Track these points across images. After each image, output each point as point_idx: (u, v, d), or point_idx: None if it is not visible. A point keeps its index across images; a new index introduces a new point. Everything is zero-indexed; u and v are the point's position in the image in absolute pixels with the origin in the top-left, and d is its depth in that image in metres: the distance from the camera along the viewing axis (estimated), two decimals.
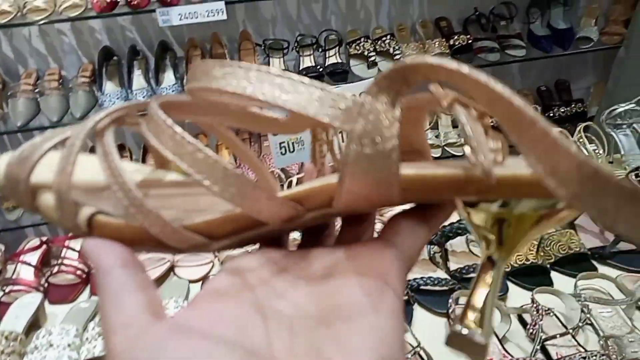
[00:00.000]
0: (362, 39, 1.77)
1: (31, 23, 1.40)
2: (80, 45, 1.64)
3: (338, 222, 0.27)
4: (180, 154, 0.21)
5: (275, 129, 0.29)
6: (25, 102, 1.47)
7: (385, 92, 0.20)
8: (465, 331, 0.22)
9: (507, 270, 0.94)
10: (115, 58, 1.58)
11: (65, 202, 0.23)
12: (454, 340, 0.22)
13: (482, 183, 0.20)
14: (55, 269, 1.05)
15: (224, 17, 1.43)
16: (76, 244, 1.11)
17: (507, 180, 0.20)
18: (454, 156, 1.83)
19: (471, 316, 0.22)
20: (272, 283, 0.21)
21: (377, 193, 0.21)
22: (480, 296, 0.23)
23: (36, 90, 1.51)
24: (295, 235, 0.28)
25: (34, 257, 1.08)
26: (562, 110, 1.87)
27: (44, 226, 1.73)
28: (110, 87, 1.54)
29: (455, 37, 1.77)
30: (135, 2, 1.39)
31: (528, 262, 0.94)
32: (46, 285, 1.03)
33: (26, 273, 1.06)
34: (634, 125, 1.25)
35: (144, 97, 1.50)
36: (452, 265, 0.97)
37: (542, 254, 0.96)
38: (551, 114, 1.87)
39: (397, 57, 1.74)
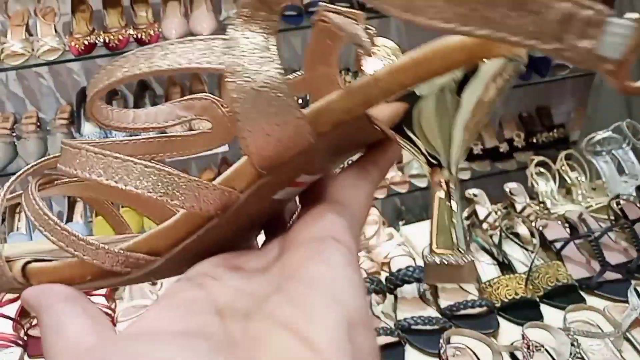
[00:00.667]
0: (343, 72, 1.79)
1: (9, 68, 1.39)
2: (58, 87, 1.63)
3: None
4: (91, 167, 0.21)
5: (202, 144, 0.29)
6: (2, 146, 1.45)
7: (253, 23, 0.19)
8: (438, 260, 0.21)
9: (497, 305, 0.93)
10: None
11: None
12: (433, 274, 0.21)
13: (383, 78, 0.20)
14: (35, 321, 1.01)
15: None
16: None
17: (406, 65, 0.19)
18: (421, 189, 1.83)
19: (440, 242, 0.21)
20: (225, 280, 0.20)
21: (286, 134, 0.19)
22: (442, 218, 0.21)
23: (13, 134, 1.49)
24: None
25: (12, 309, 1.04)
26: (545, 136, 1.89)
27: None
28: (89, 128, 1.52)
29: None
30: (114, 45, 1.39)
31: (517, 297, 0.94)
32: (25, 338, 0.99)
33: (4, 326, 1.02)
34: (613, 152, 1.27)
35: (123, 136, 1.49)
36: (443, 303, 0.96)
37: (530, 287, 0.96)
38: (534, 140, 1.90)
39: None
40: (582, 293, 0.96)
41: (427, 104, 0.20)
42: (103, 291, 1.07)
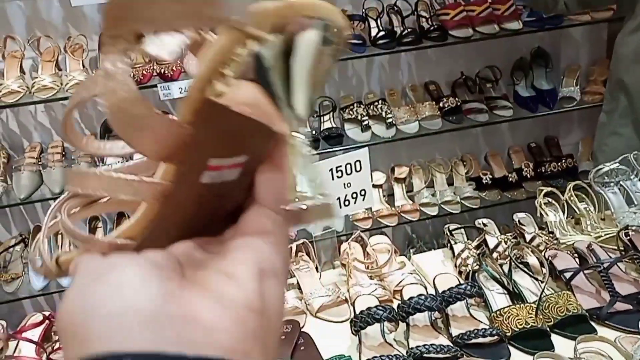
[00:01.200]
0: (355, 104, 1.85)
1: (39, 101, 1.47)
2: (83, 119, 1.70)
3: None
4: (71, 181, 0.27)
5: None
6: (29, 175, 1.51)
7: (116, 53, 0.24)
8: (300, 204, 0.25)
9: (508, 334, 0.95)
10: None
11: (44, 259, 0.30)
12: (302, 217, 0.26)
13: (202, 72, 0.24)
14: (57, 345, 1.05)
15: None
16: None
17: (213, 55, 0.24)
18: (450, 214, 1.86)
19: (300, 187, 0.26)
20: (188, 254, 0.26)
21: (158, 132, 0.24)
22: (299, 166, 0.26)
23: (40, 163, 1.56)
24: None
25: (35, 333, 1.08)
26: (554, 166, 1.92)
27: (41, 297, 1.72)
28: (112, 157, 1.58)
29: (445, 100, 1.85)
30: (138, 79, 1.46)
31: (528, 326, 0.95)
32: None
33: (28, 350, 1.06)
34: (621, 183, 1.29)
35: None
36: (454, 331, 0.97)
37: (541, 316, 0.97)
38: (543, 170, 1.92)
39: (390, 120, 1.81)
40: (592, 323, 0.97)
41: (269, 61, 0.24)
42: None
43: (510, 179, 1.92)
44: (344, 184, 1.20)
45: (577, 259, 1.13)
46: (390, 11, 1.86)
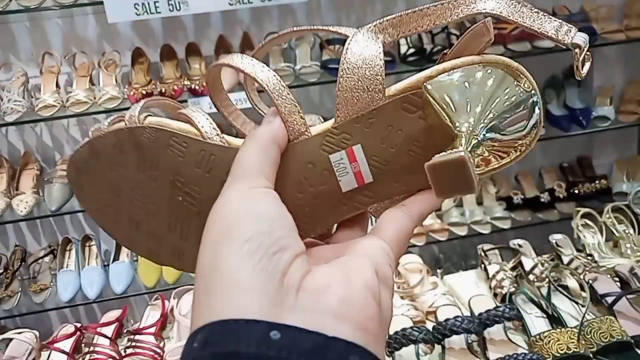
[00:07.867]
0: None
1: (72, 115, 1.49)
2: None
3: None
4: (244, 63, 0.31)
5: None
6: (60, 187, 1.53)
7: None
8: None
9: None
10: None
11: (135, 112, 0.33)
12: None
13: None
14: (87, 357, 1.05)
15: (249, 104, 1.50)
16: (108, 330, 1.11)
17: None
18: (480, 234, 1.82)
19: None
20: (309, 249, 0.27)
21: (366, 99, 0.28)
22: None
23: None
24: None
25: (67, 344, 1.08)
26: (587, 187, 1.86)
27: (67, 309, 1.73)
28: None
29: None
30: (169, 94, 1.49)
31: (570, 352, 0.91)
32: None
33: None
34: None
35: None
36: (491, 355, 0.94)
37: (583, 342, 0.93)
38: (576, 191, 1.87)
39: None
40: (638, 351, 0.92)
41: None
42: (152, 330, 1.10)
43: (543, 200, 1.87)
44: None
45: (618, 283, 1.08)
46: None
